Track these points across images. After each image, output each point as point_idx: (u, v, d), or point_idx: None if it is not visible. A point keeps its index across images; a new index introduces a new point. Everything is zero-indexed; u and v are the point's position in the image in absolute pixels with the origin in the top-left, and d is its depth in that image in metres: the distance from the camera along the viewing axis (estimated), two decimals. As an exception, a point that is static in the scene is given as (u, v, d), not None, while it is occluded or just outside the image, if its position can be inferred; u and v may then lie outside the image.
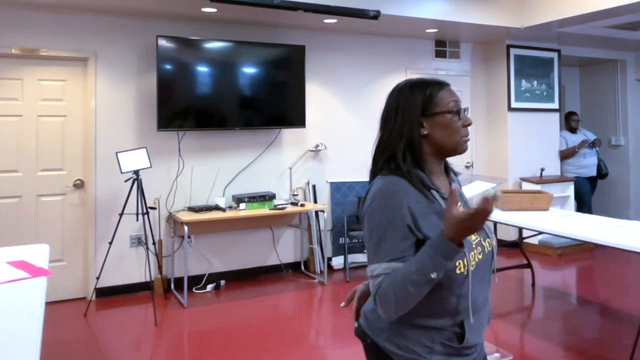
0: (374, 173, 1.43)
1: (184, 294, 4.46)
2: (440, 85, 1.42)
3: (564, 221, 3.80)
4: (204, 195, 5.01)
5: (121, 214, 4.22)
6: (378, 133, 1.45)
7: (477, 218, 1.18)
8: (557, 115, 6.63)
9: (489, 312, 1.45)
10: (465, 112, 1.42)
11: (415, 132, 1.38)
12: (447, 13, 5.17)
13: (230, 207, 4.82)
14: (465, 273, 1.30)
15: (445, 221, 1.22)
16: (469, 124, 1.41)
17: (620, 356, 3.33)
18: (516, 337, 3.71)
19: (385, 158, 1.40)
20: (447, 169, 1.50)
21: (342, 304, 1.63)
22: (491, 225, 4.51)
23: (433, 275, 1.22)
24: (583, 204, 6.60)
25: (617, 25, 5.53)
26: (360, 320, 1.47)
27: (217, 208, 4.76)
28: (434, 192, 1.35)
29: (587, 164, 6.64)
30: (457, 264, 1.29)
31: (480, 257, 1.36)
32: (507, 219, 3.97)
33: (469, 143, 1.45)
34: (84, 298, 4.59)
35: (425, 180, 1.36)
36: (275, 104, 5.13)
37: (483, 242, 1.40)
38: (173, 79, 4.69)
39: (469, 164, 6.38)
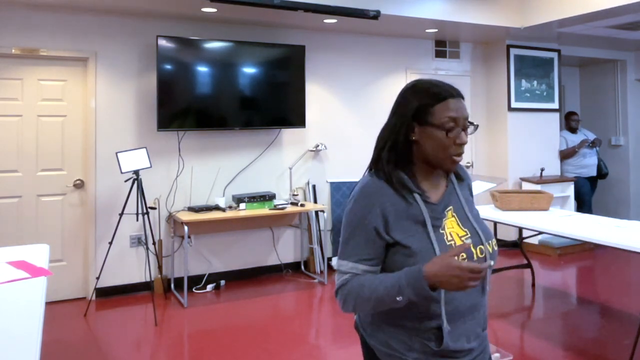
0: (368, 167, 1.44)
1: (184, 294, 4.46)
2: (446, 95, 1.33)
3: (564, 221, 3.80)
4: (204, 195, 5.01)
5: (121, 214, 4.22)
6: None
7: (471, 274, 1.16)
8: (557, 115, 6.63)
9: (483, 319, 1.41)
10: (466, 130, 1.34)
11: (401, 135, 1.35)
12: (447, 13, 5.17)
13: (230, 207, 4.82)
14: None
15: (437, 260, 1.20)
16: (462, 144, 1.33)
17: (620, 356, 3.33)
18: (516, 337, 3.71)
19: (374, 157, 1.41)
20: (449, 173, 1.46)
21: None
22: (491, 227, 4.52)
23: (399, 299, 1.23)
24: (583, 204, 6.60)
25: (617, 25, 5.53)
26: (356, 316, 1.50)
27: (217, 208, 4.76)
28: (415, 195, 1.34)
29: (587, 164, 6.64)
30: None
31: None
32: (507, 219, 3.97)
33: (468, 147, 1.41)
34: (84, 298, 4.59)
35: (407, 183, 1.34)
36: (275, 104, 5.13)
37: (472, 249, 1.35)
38: (173, 79, 4.69)
39: (469, 164, 6.38)
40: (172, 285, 4.79)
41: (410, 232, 1.31)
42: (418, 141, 1.35)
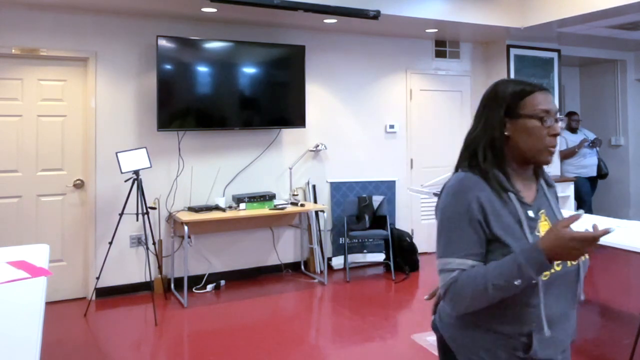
0: (457, 167, 1.41)
1: (184, 294, 4.46)
2: (534, 89, 1.34)
3: (564, 221, 3.79)
4: (204, 195, 5.01)
5: (121, 214, 4.22)
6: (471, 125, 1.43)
7: (586, 243, 1.13)
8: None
9: (572, 329, 1.37)
10: (558, 122, 1.34)
11: (497, 132, 1.34)
12: (447, 13, 5.17)
13: (230, 207, 4.82)
14: (535, 281, 1.23)
15: (548, 234, 1.17)
16: (556, 134, 1.32)
17: (620, 356, 3.33)
18: (516, 337, 3.70)
19: (468, 154, 1.38)
20: (538, 175, 1.43)
21: (426, 298, 1.62)
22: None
23: (517, 283, 1.19)
24: (583, 204, 6.59)
25: (617, 25, 5.53)
26: (435, 315, 1.47)
27: (217, 208, 4.76)
28: (510, 194, 1.32)
29: (587, 164, 6.64)
30: None
31: (558, 269, 1.28)
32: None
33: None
34: (84, 298, 4.59)
35: (503, 182, 1.32)
36: (275, 104, 5.13)
37: None
38: (173, 79, 4.69)
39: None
40: (172, 285, 4.79)
41: (509, 230, 1.28)
42: (511, 137, 1.34)
